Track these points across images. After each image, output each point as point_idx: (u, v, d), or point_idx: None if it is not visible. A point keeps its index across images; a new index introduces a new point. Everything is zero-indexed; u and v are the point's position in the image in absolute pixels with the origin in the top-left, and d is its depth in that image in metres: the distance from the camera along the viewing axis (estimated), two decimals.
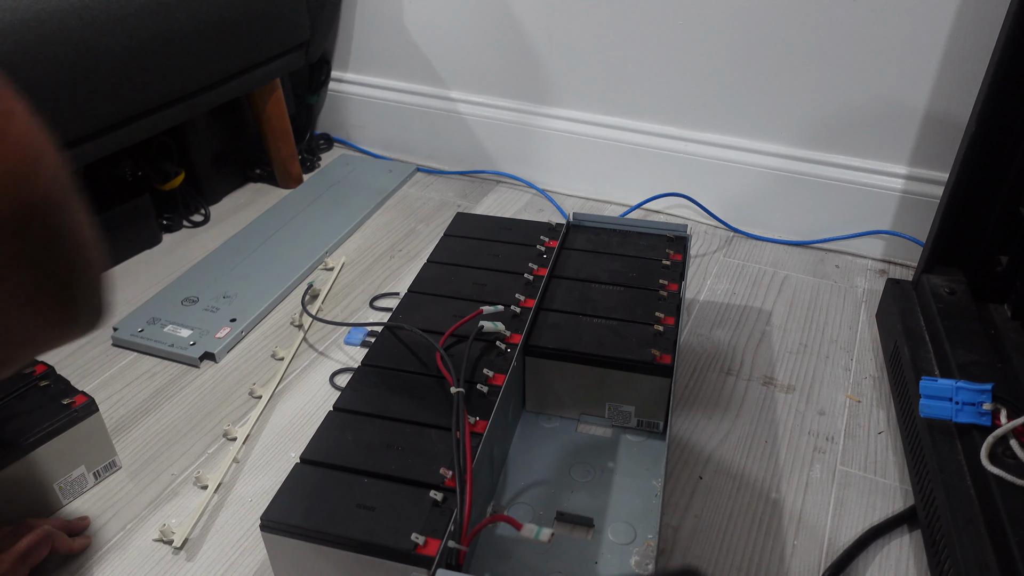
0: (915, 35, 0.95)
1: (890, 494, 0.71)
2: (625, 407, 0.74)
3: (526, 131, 1.24)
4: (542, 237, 0.86)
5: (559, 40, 1.15)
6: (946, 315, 0.78)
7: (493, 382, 0.66)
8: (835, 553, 0.65)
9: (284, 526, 0.53)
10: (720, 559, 0.65)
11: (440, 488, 0.55)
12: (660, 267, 0.82)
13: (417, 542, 0.51)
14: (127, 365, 0.87)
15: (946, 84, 0.96)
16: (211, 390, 0.84)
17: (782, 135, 1.09)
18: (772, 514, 0.69)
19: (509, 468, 0.71)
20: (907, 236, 1.06)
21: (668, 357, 0.70)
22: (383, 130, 1.37)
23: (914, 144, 1.02)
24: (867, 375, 0.86)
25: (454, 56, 1.24)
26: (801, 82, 1.04)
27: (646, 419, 0.74)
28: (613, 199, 1.23)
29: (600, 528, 0.65)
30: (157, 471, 0.74)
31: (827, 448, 0.76)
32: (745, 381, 0.85)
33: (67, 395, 0.69)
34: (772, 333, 0.93)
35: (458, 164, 1.33)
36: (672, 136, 1.15)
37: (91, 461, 0.71)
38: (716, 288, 1.02)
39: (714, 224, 1.17)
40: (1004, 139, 0.75)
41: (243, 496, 0.71)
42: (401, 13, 1.24)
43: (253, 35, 1.05)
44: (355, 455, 0.59)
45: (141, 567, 0.64)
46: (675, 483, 0.72)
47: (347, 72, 1.35)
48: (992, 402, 0.64)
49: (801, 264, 1.08)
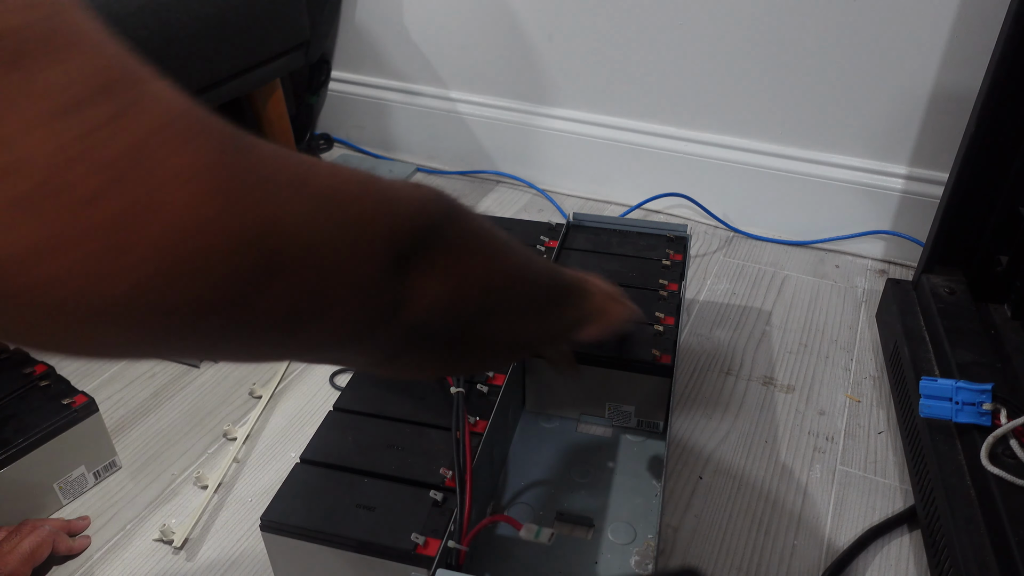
0: (915, 35, 0.95)
1: (890, 494, 0.71)
2: (625, 407, 0.74)
3: (526, 131, 1.24)
4: (542, 237, 0.86)
5: (559, 40, 1.15)
6: (946, 315, 0.78)
7: (493, 382, 0.66)
8: (835, 553, 0.65)
9: (284, 526, 0.53)
10: (720, 559, 0.65)
11: (440, 488, 0.55)
12: (660, 267, 0.82)
13: (417, 542, 0.51)
14: (127, 365, 0.87)
15: (946, 84, 0.96)
16: (211, 390, 0.84)
17: (782, 135, 1.09)
18: (772, 514, 0.69)
19: (509, 468, 0.71)
20: (907, 236, 1.06)
21: (668, 357, 0.70)
22: (383, 130, 1.37)
23: (914, 144, 1.02)
24: (867, 375, 0.86)
25: (454, 56, 1.24)
26: (801, 81, 1.04)
27: (646, 419, 0.74)
28: (613, 199, 1.23)
29: (600, 528, 0.65)
30: (157, 471, 0.74)
31: (827, 448, 0.76)
32: (745, 381, 0.85)
33: (67, 395, 0.69)
34: (772, 333, 0.93)
35: (458, 164, 1.33)
36: (672, 136, 1.15)
37: (91, 461, 0.71)
38: (716, 288, 1.02)
39: (714, 224, 1.16)
40: (1004, 139, 0.75)
41: (243, 496, 0.71)
42: (401, 13, 1.24)
43: (253, 35, 1.05)
44: (355, 455, 0.59)
45: (141, 567, 0.64)
46: (675, 483, 0.72)
47: (347, 72, 1.35)
48: (992, 402, 0.64)
49: (801, 264, 1.08)
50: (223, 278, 0.23)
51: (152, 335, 0.24)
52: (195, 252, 0.22)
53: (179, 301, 0.23)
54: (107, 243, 0.21)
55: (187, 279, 0.22)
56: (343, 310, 0.29)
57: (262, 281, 0.25)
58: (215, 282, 0.23)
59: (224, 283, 0.24)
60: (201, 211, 0.22)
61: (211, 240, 0.23)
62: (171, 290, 0.22)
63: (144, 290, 0.22)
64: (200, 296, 0.23)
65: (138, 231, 0.21)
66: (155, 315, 0.23)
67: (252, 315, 0.25)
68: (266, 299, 0.25)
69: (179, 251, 0.22)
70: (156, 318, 0.23)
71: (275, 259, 0.25)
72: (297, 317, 0.27)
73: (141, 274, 0.21)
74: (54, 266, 0.20)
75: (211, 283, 0.23)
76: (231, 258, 0.23)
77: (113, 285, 0.21)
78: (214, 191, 0.23)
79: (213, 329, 0.25)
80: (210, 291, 0.23)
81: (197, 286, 0.23)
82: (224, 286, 0.24)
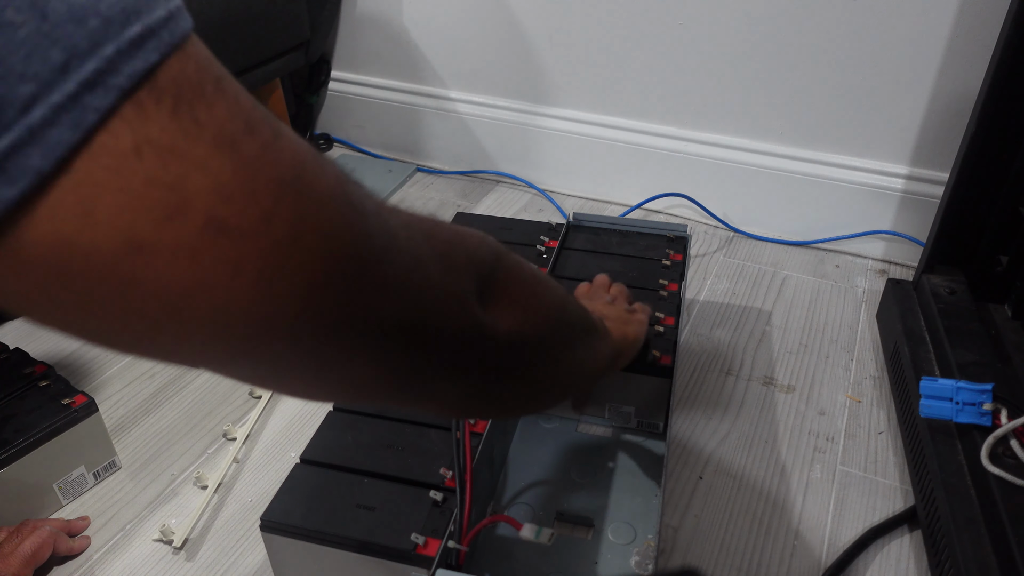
0: (915, 35, 0.95)
1: (890, 494, 0.71)
2: (625, 408, 0.74)
3: (526, 131, 1.24)
4: (542, 237, 0.86)
5: (559, 40, 1.15)
6: (946, 315, 0.78)
7: None
8: (835, 553, 0.65)
9: (284, 526, 0.53)
10: (720, 559, 0.65)
11: (440, 488, 0.55)
12: (660, 267, 0.82)
13: (417, 542, 0.51)
14: (127, 365, 0.87)
15: (946, 84, 0.96)
16: (211, 390, 0.84)
17: (782, 135, 1.09)
18: (772, 514, 0.69)
19: (509, 468, 0.71)
20: (907, 236, 1.06)
21: (668, 358, 0.70)
22: (383, 130, 1.37)
23: (914, 144, 1.02)
24: (867, 375, 0.86)
25: (454, 56, 1.24)
26: (801, 82, 1.04)
27: (646, 420, 0.74)
28: (613, 199, 1.23)
29: (600, 528, 0.65)
30: (157, 471, 0.74)
31: (827, 448, 0.76)
32: (745, 381, 0.85)
33: (67, 395, 0.69)
34: (772, 333, 0.93)
35: (458, 164, 1.33)
36: (672, 136, 1.15)
37: (91, 461, 0.71)
38: (716, 288, 1.02)
39: (714, 224, 1.16)
40: (1004, 139, 0.75)
41: (243, 496, 0.71)
42: (401, 13, 1.24)
43: (253, 35, 1.05)
44: (355, 455, 0.59)
45: (141, 567, 0.64)
46: (675, 483, 0.72)
47: (347, 72, 1.35)
48: (992, 402, 0.64)
49: (801, 264, 1.08)
50: (359, 293, 0.25)
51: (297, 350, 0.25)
52: (345, 270, 0.25)
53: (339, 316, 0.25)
54: (276, 263, 0.22)
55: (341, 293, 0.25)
56: (444, 334, 0.31)
57: (380, 298, 0.27)
58: (355, 297, 0.25)
59: (360, 298, 0.26)
60: (348, 232, 0.25)
61: (360, 253, 0.25)
62: (327, 303, 0.24)
63: (305, 306, 0.24)
64: (346, 309, 0.25)
65: (301, 250, 0.23)
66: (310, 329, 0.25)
67: (373, 330, 0.27)
68: (382, 315, 0.27)
69: (333, 268, 0.24)
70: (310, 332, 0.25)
71: (392, 277, 0.27)
72: (410, 332, 0.29)
73: (302, 289, 0.23)
74: (228, 291, 0.22)
75: (353, 299, 0.25)
76: (367, 274, 0.25)
77: (281, 303, 0.23)
78: (353, 210, 0.25)
79: (339, 347, 0.26)
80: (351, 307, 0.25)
81: (349, 299, 0.25)
82: (359, 301, 0.26)
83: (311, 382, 0.28)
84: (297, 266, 0.23)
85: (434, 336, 0.30)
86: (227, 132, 0.22)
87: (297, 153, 0.24)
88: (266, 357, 0.25)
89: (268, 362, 0.25)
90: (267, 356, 0.25)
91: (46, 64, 0.19)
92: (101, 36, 0.20)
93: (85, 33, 0.19)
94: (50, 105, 0.19)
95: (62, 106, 0.19)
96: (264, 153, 0.23)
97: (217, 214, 0.21)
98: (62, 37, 0.19)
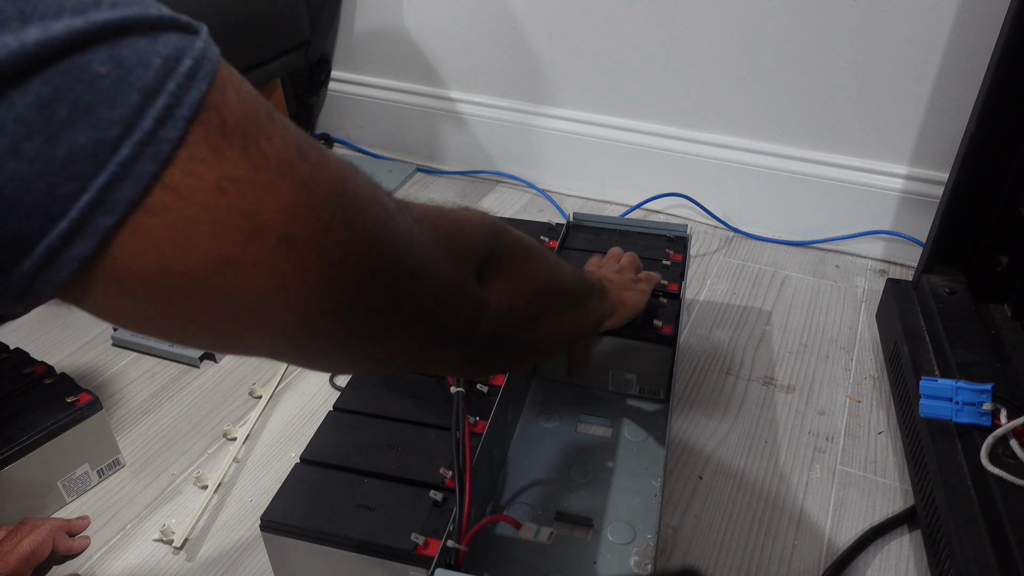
0: (915, 35, 0.95)
1: (890, 494, 0.71)
2: (627, 375, 0.77)
3: (526, 131, 1.24)
4: (542, 237, 0.86)
5: (559, 40, 1.15)
6: (946, 315, 0.78)
7: (493, 382, 0.66)
8: (835, 553, 0.65)
9: (284, 526, 0.53)
10: (720, 559, 0.65)
11: (440, 488, 0.55)
12: (660, 267, 0.82)
13: (417, 542, 0.51)
14: (127, 365, 0.87)
15: (946, 84, 0.96)
16: (211, 390, 0.84)
17: (782, 135, 1.09)
18: (772, 514, 0.69)
19: (509, 468, 0.71)
20: (907, 236, 1.06)
21: (670, 327, 0.73)
22: (383, 130, 1.37)
23: (914, 144, 1.02)
24: (867, 375, 0.86)
25: (454, 56, 1.25)
26: (801, 82, 1.04)
27: (648, 387, 0.76)
28: (613, 199, 1.23)
29: (599, 528, 0.65)
30: (157, 471, 0.74)
31: (827, 448, 0.76)
32: (745, 381, 0.85)
33: (71, 393, 0.69)
34: (772, 333, 0.93)
35: (458, 164, 1.33)
36: (672, 136, 1.15)
37: (95, 459, 0.71)
38: (716, 288, 1.02)
39: (714, 224, 1.17)
40: (1004, 139, 0.75)
41: (243, 496, 0.71)
42: (401, 13, 1.24)
43: (253, 35, 1.05)
44: (355, 455, 0.59)
45: (141, 567, 0.64)
46: (675, 483, 0.72)
47: (347, 72, 1.35)
48: (992, 402, 0.64)
49: (801, 264, 1.08)
50: (395, 280, 0.30)
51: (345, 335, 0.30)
52: (385, 264, 0.29)
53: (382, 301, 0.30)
54: (335, 266, 0.27)
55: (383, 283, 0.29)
56: (449, 311, 0.36)
57: (409, 283, 0.31)
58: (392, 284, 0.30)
59: (396, 284, 0.30)
60: (384, 230, 0.29)
61: (393, 247, 0.30)
62: (375, 291, 0.29)
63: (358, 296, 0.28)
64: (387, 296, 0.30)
65: (354, 252, 0.27)
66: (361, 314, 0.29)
67: (403, 311, 0.32)
68: (409, 298, 0.32)
69: (377, 263, 0.29)
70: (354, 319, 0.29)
71: (414, 266, 0.31)
72: (424, 311, 0.33)
73: (356, 283, 0.28)
74: (299, 293, 0.26)
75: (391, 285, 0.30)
76: (399, 265, 0.30)
77: (341, 296, 0.27)
78: (385, 211, 0.29)
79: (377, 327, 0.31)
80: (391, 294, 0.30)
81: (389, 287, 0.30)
82: (395, 287, 0.30)
83: (348, 359, 0.33)
84: (352, 265, 0.27)
85: (441, 314, 0.35)
86: (285, 159, 0.25)
87: (340, 167, 0.28)
88: (324, 341, 0.29)
89: (323, 345, 0.29)
90: (325, 341, 0.29)
91: (127, 107, 0.22)
92: (164, 74, 0.22)
93: (152, 74, 0.22)
94: (134, 143, 0.22)
95: (143, 143, 0.22)
96: (316, 172, 0.26)
97: (286, 230, 0.25)
98: (136, 80, 0.22)
